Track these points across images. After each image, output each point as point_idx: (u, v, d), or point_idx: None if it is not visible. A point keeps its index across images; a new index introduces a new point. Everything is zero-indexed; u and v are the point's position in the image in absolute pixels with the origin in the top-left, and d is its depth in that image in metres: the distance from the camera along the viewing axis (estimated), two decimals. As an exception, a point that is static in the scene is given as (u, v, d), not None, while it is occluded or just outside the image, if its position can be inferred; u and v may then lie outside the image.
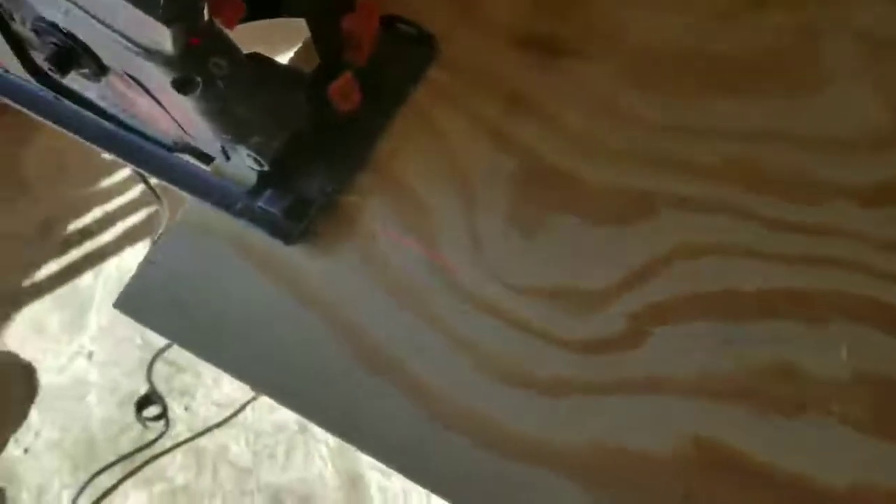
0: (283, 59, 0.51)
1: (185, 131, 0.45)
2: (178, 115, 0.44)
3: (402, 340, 0.45)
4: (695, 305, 0.44)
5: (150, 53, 0.37)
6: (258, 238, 0.48)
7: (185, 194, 0.50)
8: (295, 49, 0.54)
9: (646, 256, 0.45)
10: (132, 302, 0.48)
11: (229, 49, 0.39)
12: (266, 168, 0.45)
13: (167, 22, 0.34)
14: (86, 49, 0.41)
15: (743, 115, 0.48)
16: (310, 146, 0.49)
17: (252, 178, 0.48)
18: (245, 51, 0.40)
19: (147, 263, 0.49)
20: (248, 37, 0.44)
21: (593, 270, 0.45)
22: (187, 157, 0.49)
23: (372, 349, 0.45)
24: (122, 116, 0.50)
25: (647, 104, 0.49)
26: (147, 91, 0.42)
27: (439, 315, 0.46)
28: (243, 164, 0.47)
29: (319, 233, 0.48)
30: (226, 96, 0.40)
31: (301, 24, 0.49)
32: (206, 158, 0.49)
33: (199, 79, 0.38)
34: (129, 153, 0.51)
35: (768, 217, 0.45)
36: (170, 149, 0.50)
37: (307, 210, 0.47)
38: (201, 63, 0.38)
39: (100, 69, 0.42)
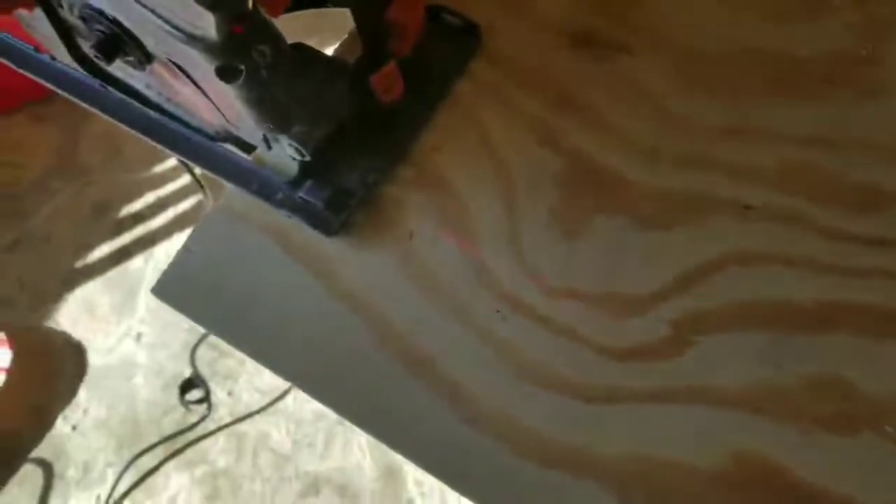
0: (330, 50, 0.51)
1: (227, 120, 0.45)
2: (221, 104, 0.43)
3: (437, 339, 0.44)
4: (742, 315, 0.42)
5: (194, 40, 0.36)
6: (296, 228, 0.48)
7: (225, 183, 0.50)
8: (341, 40, 0.53)
9: (692, 263, 0.44)
10: (168, 289, 0.48)
11: (273, 38, 0.38)
12: (308, 158, 0.44)
13: (212, 8, 0.33)
14: (131, 36, 0.41)
15: (802, 119, 0.46)
16: (351, 137, 0.48)
17: (293, 168, 0.47)
18: (291, 41, 0.40)
19: (184, 251, 0.49)
20: (295, 27, 0.44)
21: (637, 275, 0.44)
22: (230, 147, 0.49)
23: (406, 346, 0.44)
24: (166, 106, 0.51)
25: (701, 106, 0.47)
26: (191, 79, 0.42)
27: (476, 315, 0.45)
28: (285, 154, 0.46)
29: (359, 224, 0.48)
30: (269, 85, 0.39)
31: (347, 14, 0.48)
32: (248, 148, 0.48)
33: (242, 67, 0.38)
34: (172, 142, 0.51)
35: (827, 226, 0.43)
36: (212, 138, 0.50)
37: (348, 202, 0.47)
38: (245, 51, 0.38)
39: (145, 57, 0.42)
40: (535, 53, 0.51)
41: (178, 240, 1.44)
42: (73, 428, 1.32)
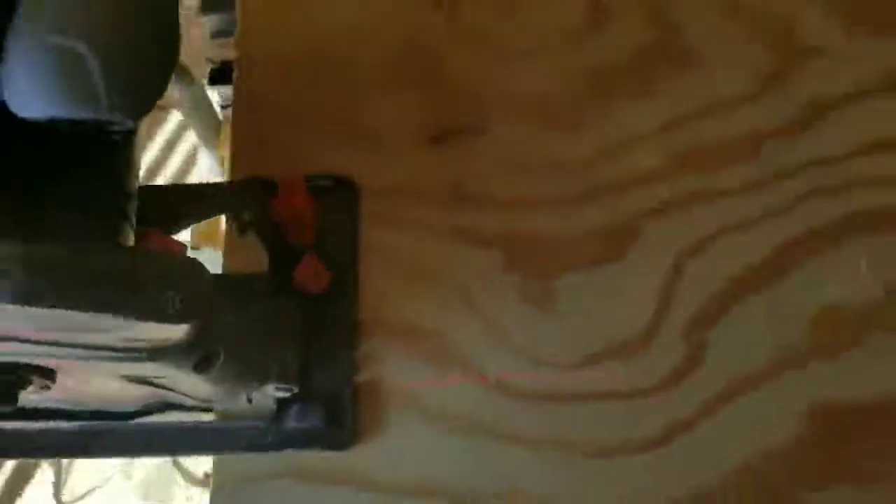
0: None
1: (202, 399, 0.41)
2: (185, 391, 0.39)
3: (484, 479, 0.44)
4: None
5: (158, 353, 0.33)
6: (302, 457, 0.45)
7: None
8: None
9: (657, 275, 0.47)
10: None
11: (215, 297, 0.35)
12: (296, 389, 0.42)
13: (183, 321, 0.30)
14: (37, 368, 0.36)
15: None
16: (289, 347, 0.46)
17: (269, 404, 0.44)
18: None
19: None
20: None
21: (624, 314, 0.47)
22: (179, 416, 0.45)
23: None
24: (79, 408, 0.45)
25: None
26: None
27: (514, 431, 0.45)
28: (263, 399, 0.43)
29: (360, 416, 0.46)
30: (237, 352, 0.37)
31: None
32: (204, 409, 0.44)
33: (216, 349, 0.35)
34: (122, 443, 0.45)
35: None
36: (139, 414, 0.45)
37: (346, 406, 0.45)
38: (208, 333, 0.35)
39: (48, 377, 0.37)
40: (406, 170, 0.51)
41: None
42: None
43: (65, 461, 1.22)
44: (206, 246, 0.76)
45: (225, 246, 0.49)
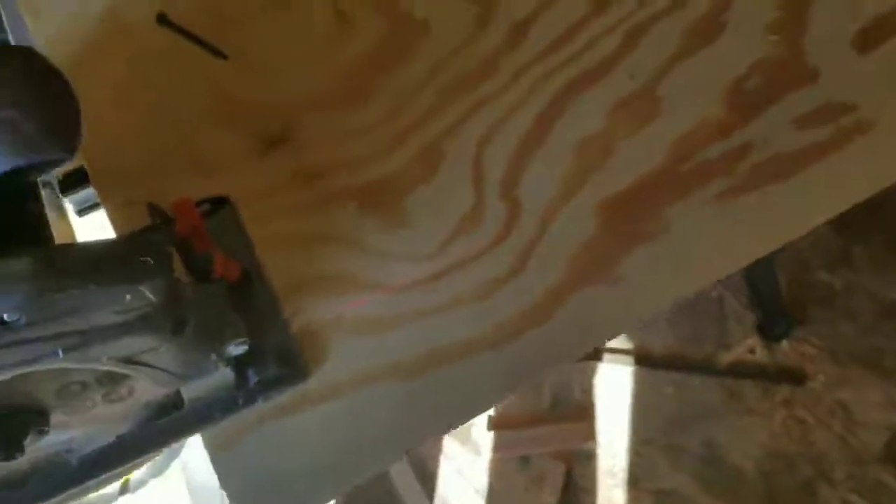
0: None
1: (179, 377, 0.51)
2: (170, 369, 0.50)
3: (410, 349, 0.59)
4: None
5: (133, 325, 0.44)
6: (273, 401, 0.57)
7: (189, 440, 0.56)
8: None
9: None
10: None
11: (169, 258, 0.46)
12: (249, 346, 0.53)
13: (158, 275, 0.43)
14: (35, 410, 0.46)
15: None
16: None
17: (227, 374, 0.55)
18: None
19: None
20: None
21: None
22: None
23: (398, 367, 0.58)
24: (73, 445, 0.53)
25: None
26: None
27: (415, 309, 0.60)
28: (216, 372, 0.54)
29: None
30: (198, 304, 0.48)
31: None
32: (173, 407, 0.55)
33: (187, 314, 0.47)
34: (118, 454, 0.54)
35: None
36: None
37: (292, 348, 0.57)
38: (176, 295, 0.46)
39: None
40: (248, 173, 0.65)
41: None
42: None
43: None
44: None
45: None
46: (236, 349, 0.53)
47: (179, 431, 0.55)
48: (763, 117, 0.61)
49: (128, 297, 0.42)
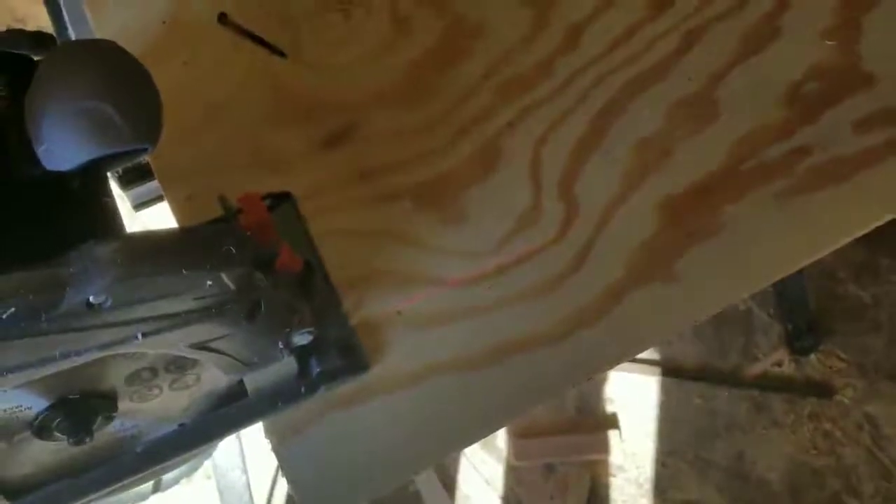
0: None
1: (245, 364, 0.52)
2: (224, 365, 0.50)
3: (470, 347, 0.59)
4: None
5: (212, 311, 0.45)
6: (334, 392, 0.57)
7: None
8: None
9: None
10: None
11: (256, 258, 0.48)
12: (316, 333, 0.54)
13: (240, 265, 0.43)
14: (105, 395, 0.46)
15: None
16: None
17: (291, 363, 0.56)
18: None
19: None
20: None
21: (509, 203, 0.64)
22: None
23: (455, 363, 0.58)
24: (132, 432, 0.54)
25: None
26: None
27: (476, 305, 0.60)
28: (281, 361, 0.55)
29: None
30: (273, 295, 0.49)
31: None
32: (235, 396, 0.55)
33: (258, 300, 0.47)
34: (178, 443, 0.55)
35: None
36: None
37: (354, 340, 0.58)
38: (251, 283, 0.47)
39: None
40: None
41: None
42: None
43: None
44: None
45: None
46: (302, 337, 0.54)
47: (243, 420, 0.56)
48: (820, 121, 0.62)
49: (208, 283, 0.43)
